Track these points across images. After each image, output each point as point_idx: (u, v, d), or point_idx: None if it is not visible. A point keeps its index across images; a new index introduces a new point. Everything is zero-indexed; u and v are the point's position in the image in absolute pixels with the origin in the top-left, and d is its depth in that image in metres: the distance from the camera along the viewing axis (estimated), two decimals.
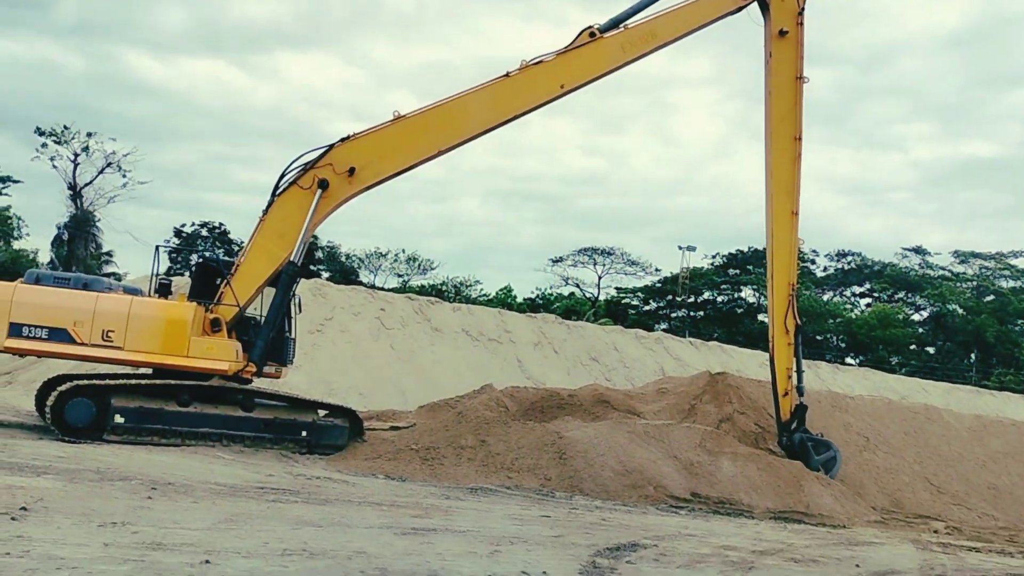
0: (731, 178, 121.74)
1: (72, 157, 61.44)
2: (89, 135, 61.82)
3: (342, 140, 17.63)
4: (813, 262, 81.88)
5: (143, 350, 16.48)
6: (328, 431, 17.46)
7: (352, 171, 17.48)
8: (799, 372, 18.95)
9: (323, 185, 17.34)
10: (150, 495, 10.98)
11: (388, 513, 11.64)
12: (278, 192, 17.53)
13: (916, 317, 76.88)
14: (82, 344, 16.30)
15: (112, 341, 16.34)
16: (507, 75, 17.81)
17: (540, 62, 17.91)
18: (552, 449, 16.58)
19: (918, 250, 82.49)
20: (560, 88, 17.99)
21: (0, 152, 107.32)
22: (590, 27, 18.09)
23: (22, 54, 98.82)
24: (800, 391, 18.90)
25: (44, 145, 61.45)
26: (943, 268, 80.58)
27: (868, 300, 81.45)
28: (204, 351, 16.67)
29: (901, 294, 79.12)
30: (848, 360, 69.25)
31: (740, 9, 18.92)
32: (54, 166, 61.34)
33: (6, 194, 68.11)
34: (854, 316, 75.02)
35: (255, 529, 9.41)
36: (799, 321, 19.06)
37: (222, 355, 16.77)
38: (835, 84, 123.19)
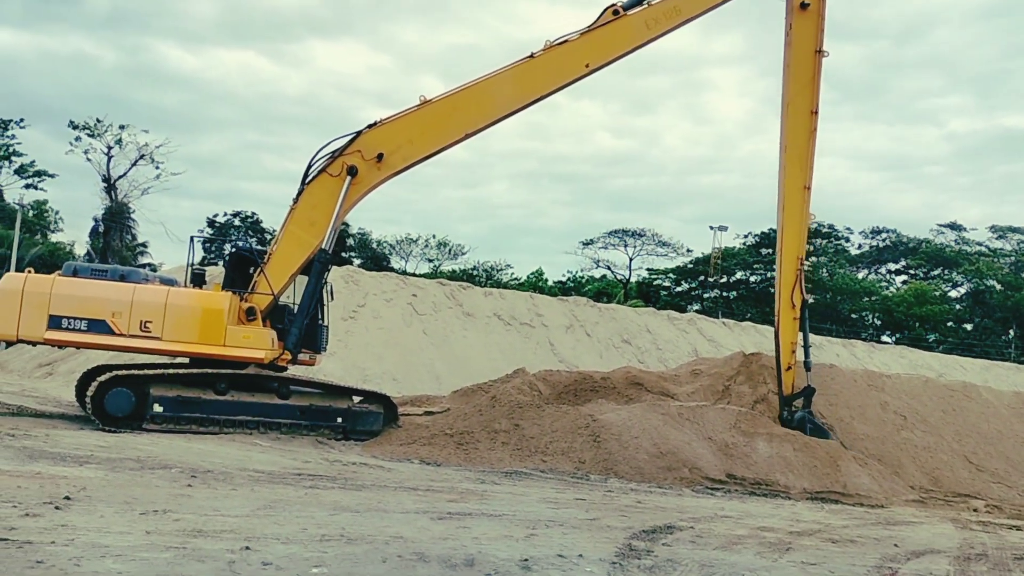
0: (763, 155, 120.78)
1: (106, 150, 62.29)
2: (122, 127, 62.68)
3: (369, 126, 17.67)
4: (847, 239, 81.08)
5: (180, 340, 16.68)
6: (363, 417, 17.59)
7: (380, 157, 17.53)
8: (806, 347, 18.95)
9: (352, 172, 17.41)
10: (190, 483, 11.14)
11: (424, 498, 11.71)
12: (308, 180, 17.60)
13: (953, 294, 75.90)
14: (120, 335, 16.50)
15: (150, 332, 16.55)
16: (532, 56, 17.77)
17: (564, 42, 17.83)
18: (586, 432, 16.58)
19: (953, 226, 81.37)
20: (585, 67, 17.94)
21: (36, 147, 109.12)
22: (613, 4, 18.01)
23: (56, 48, 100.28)
24: (807, 366, 18.87)
25: (78, 139, 62.40)
26: (980, 243, 79.37)
27: (904, 277, 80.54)
28: (240, 340, 16.84)
29: (937, 271, 78.11)
30: (884, 338, 68.57)
31: None
32: (88, 159, 62.28)
33: (42, 188, 69.28)
34: (890, 294, 74.17)
35: (293, 515, 9.52)
36: (806, 296, 19.04)
37: (258, 343, 16.92)
38: (868, 59, 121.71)
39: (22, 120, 69.18)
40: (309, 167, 17.64)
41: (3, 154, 68.03)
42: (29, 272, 17.19)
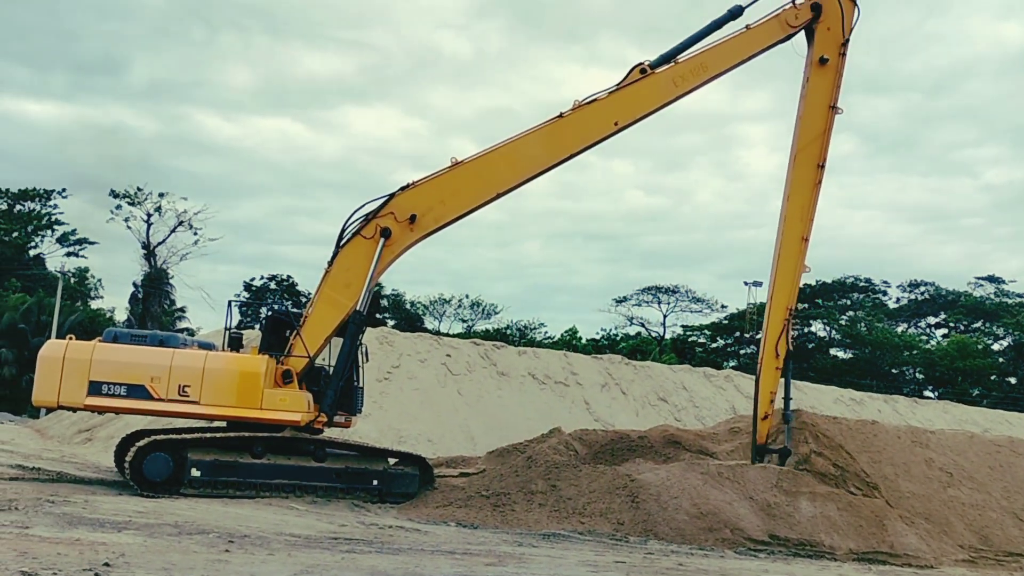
0: None
1: (145, 217, 63.61)
2: (161, 195, 64.13)
3: (402, 189, 17.89)
4: (885, 293, 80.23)
5: (218, 404, 16.76)
6: (399, 479, 17.50)
7: (413, 218, 17.72)
8: (787, 399, 18.91)
9: (385, 234, 17.60)
10: (227, 548, 11.11)
11: (462, 561, 11.58)
12: (342, 243, 17.81)
13: (995, 347, 74.50)
14: (159, 400, 16.63)
15: (188, 396, 16.65)
16: (561, 115, 17.94)
17: (593, 101, 18.00)
18: (624, 492, 16.36)
19: (992, 278, 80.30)
20: (614, 125, 18.10)
21: (78, 215, 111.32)
22: (641, 63, 18.16)
23: (98, 119, 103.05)
24: (787, 418, 18.73)
25: (119, 207, 63.86)
26: (1020, 295, 78.14)
27: (944, 331, 79.29)
28: (277, 403, 16.90)
29: (978, 323, 76.88)
30: (927, 393, 67.33)
31: (788, 38, 18.79)
32: (128, 227, 63.62)
33: (83, 255, 70.76)
34: (931, 347, 73.01)
35: None
36: (791, 347, 19.12)
37: (294, 406, 16.98)
38: (902, 111, 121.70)
39: (64, 190, 71.10)
40: (343, 230, 17.86)
41: (45, 223, 69.71)
42: (70, 339, 17.44)
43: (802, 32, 18.93)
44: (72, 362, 16.57)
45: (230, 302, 19.39)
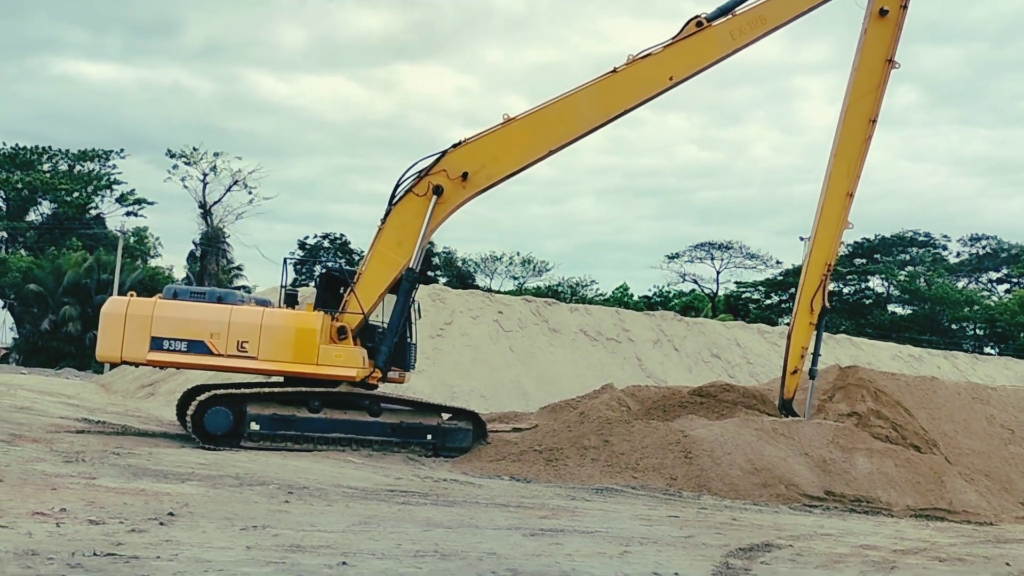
0: None
1: (201, 177, 64.53)
2: (216, 155, 64.91)
3: (454, 146, 17.84)
4: (945, 248, 78.33)
5: (276, 359, 17.04)
6: (452, 434, 17.68)
7: (465, 176, 17.70)
8: (815, 355, 18.95)
9: (438, 191, 17.62)
10: (287, 499, 11.35)
11: (515, 514, 11.69)
12: (395, 201, 17.86)
13: None
14: (219, 355, 16.96)
15: (247, 351, 16.95)
16: (615, 70, 17.69)
17: (648, 55, 17.70)
18: (677, 448, 16.33)
19: None
20: (669, 80, 17.78)
21: (136, 175, 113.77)
22: (697, 16, 17.79)
23: (154, 80, 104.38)
24: (812, 374, 18.89)
25: (175, 167, 64.84)
26: None
27: (1006, 286, 77.31)
28: (333, 359, 17.14)
29: None
30: (988, 349, 65.92)
31: None
32: (185, 186, 64.65)
33: (142, 215, 72.08)
34: (992, 303, 71.31)
35: (388, 531, 9.61)
36: (827, 304, 18.99)
37: (350, 362, 17.21)
38: (966, 61, 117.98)
39: (122, 150, 72.31)
40: (396, 188, 17.91)
41: (105, 183, 71.06)
42: (131, 295, 17.82)
43: None
44: (134, 318, 16.97)
45: (285, 260, 19.67)
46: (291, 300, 18.58)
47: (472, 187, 17.86)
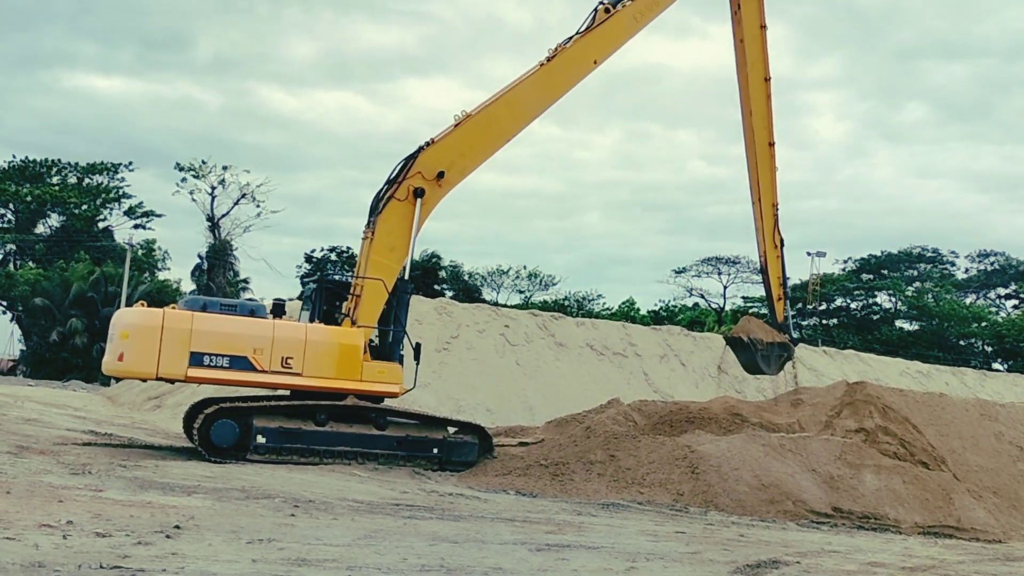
0: (865, 179, 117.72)
1: (209, 190, 64.73)
2: (225, 168, 65.10)
3: (420, 148, 18.34)
4: (953, 264, 78.14)
5: (321, 375, 16.86)
6: (459, 448, 17.64)
7: (441, 175, 18.39)
8: (784, 279, 23.17)
9: (419, 193, 18.15)
10: (293, 512, 11.34)
11: (521, 529, 11.66)
12: (379, 210, 18.14)
13: None
14: (262, 371, 16.56)
15: (291, 367, 16.67)
16: (548, 60, 19.13)
17: (570, 44, 19.26)
18: (684, 463, 16.28)
19: None
20: (594, 63, 19.71)
21: (145, 188, 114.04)
22: (602, 3, 19.63)
23: (165, 94, 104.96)
24: (786, 294, 23.04)
25: (184, 180, 65.03)
26: None
27: (1014, 302, 77.03)
28: (376, 375, 17.24)
29: None
30: (996, 366, 65.63)
31: None
32: (193, 199, 64.83)
33: (150, 228, 72.32)
34: (1000, 319, 71.04)
35: (393, 545, 9.58)
36: (783, 237, 22.88)
37: (392, 378, 17.44)
38: (975, 77, 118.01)
39: (131, 163, 72.57)
40: (376, 200, 18.29)
41: (113, 196, 71.32)
42: (142, 304, 17.53)
43: None
44: (172, 332, 16.10)
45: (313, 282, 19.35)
46: (279, 311, 18.45)
47: (448, 185, 18.68)
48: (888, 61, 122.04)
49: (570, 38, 19.43)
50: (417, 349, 18.00)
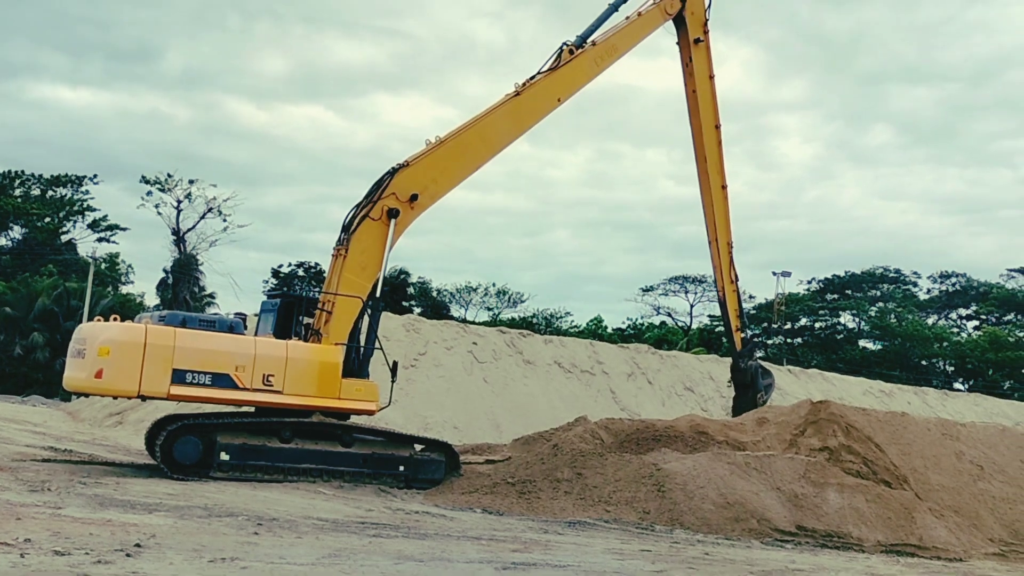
0: (830, 200, 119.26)
1: (175, 204, 64.05)
2: (191, 182, 64.45)
3: (395, 169, 18.44)
4: (915, 284, 79.29)
5: (301, 393, 16.69)
6: (425, 465, 17.57)
7: (414, 197, 18.50)
8: (742, 313, 24.77)
9: (393, 214, 18.21)
10: (256, 531, 11.21)
11: (487, 547, 11.61)
12: (352, 229, 18.13)
13: None
14: (244, 389, 16.30)
15: (272, 385, 16.47)
16: (517, 94, 19.57)
17: (537, 80, 19.84)
18: (650, 482, 16.33)
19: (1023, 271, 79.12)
20: (558, 101, 20.33)
21: (111, 201, 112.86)
22: (566, 43, 20.24)
23: (132, 107, 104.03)
24: (743, 323, 24.65)
25: (149, 193, 64.28)
26: None
27: (975, 323, 78.29)
28: (354, 392, 17.15)
29: (1010, 316, 75.86)
30: (957, 385, 66.58)
31: (666, 22, 22.49)
32: (159, 213, 64.06)
33: (114, 241, 71.49)
34: (962, 340, 72.13)
35: (358, 564, 9.51)
36: (736, 273, 24.28)
37: (369, 396, 17.35)
38: (940, 102, 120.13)
39: (95, 176, 71.83)
40: (350, 218, 18.34)
41: (78, 209, 70.44)
42: (115, 319, 17.09)
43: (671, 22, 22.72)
44: (155, 348, 15.60)
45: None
46: (238, 326, 18.18)
47: (419, 208, 18.83)
48: (855, 85, 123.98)
49: (540, 71, 19.98)
50: (394, 367, 18.02)
